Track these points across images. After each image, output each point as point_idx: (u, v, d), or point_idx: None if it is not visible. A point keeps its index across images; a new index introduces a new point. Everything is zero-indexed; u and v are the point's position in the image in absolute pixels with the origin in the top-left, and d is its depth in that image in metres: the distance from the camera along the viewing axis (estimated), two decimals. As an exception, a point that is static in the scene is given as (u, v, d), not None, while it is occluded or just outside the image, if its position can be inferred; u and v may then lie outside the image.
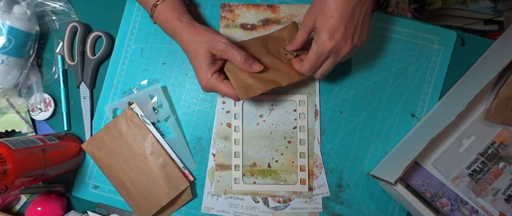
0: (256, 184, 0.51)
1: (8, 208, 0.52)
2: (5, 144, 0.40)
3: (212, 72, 0.42)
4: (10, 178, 0.38)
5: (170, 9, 0.43)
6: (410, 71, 0.51)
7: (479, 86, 0.43)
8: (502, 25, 0.81)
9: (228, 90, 0.42)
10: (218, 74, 0.43)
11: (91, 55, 0.51)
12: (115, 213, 0.51)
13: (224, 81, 0.43)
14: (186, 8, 0.46)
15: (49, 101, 0.52)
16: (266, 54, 0.45)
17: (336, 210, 0.51)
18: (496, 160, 0.48)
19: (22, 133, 0.52)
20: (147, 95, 0.51)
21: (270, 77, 0.44)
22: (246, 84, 0.43)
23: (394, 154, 0.49)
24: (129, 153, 0.50)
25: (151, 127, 0.50)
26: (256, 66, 0.43)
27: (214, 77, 0.42)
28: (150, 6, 0.44)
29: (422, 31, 0.51)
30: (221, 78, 0.43)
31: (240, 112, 0.51)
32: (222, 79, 0.43)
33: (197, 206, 0.51)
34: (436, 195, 0.48)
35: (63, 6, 0.52)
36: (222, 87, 0.42)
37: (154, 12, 0.44)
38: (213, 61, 0.42)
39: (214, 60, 0.42)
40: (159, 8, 0.43)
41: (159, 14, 0.44)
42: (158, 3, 0.43)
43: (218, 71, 0.43)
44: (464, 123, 0.48)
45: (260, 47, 0.46)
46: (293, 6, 0.51)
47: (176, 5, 0.44)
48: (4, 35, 0.46)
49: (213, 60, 0.42)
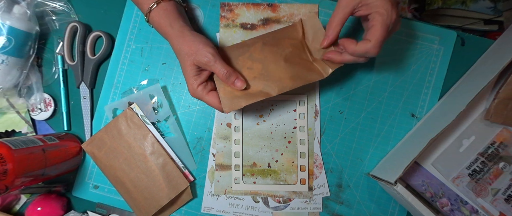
0: (256, 184, 0.51)
1: (8, 208, 0.52)
2: (5, 144, 0.40)
3: (198, 83, 0.42)
4: (10, 178, 0.38)
5: (162, 15, 0.43)
6: (410, 71, 0.51)
7: (479, 86, 0.43)
8: (502, 25, 0.81)
9: (213, 102, 0.42)
10: (204, 85, 0.43)
11: (91, 55, 0.51)
12: (115, 213, 0.51)
13: (210, 92, 0.43)
14: (180, 12, 0.45)
15: (49, 101, 0.52)
16: (258, 60, 0.44)
17: (336, 210, 0.51)
18: (496, 160, 0.48)
19: (22, 133, 0.52)
20: (147, 95, 0.51)
21: (259, 88, 0.43)
22: (232, 95, 0.42)
23: (394, 154, 0.49)
24: (129, 153, 0.50)
25: (151, 127, 0.50)
26: (239, 83, 0.41)
27: (200, 88, 0.42)
28: (146, 12, 0.44)
29: (422, 31, 0.51)
30: (208, 89, 0.43)
31: (240, 112, 0.51)
32: (208, 90, 0.43)
33: (197, 206, 0.51)
34: (436, 195, 0.48)
35: (63, 6, 0.52)
36: (207, 98, 0.42)
37: (149, 17, 0.44)
38: (198, 72, 0.42)
39: (200, 71, 0.42)
40: (153, 14, 0.43)
41: (153, 19, 0.44)
42: (152, 8, 0.43)
43: (205, 81, 0.43)
44: (464, 123, 0.48)
45: (254, 50, 0.44)
46: (293, 5, 0.51)
47: (168, 11, 0.43)
48: (4, 35, 0.46)
49: (199, 71, 0.42)
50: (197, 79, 0.42)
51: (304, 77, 0.43)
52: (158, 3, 0.43)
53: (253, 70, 0.43)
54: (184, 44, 0.41)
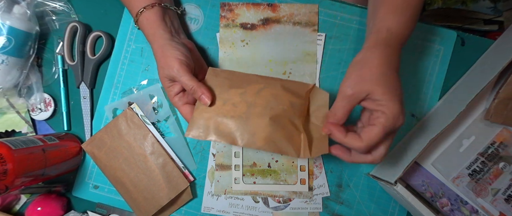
0: (256, 184, 0.51)
1: (8, 208, 0.52)
2: (5, 144, 0.40)
3: (173, 94, 0.42)
4: (10, 178, 0.38)
5: (146, 25, 0.43)
6: (410, 71, 0.51)
7: (479, 86, 0.43)
8: (502, 25, 0.82)
9: (185, 116, 0.42)
10: (180, 96, 0.42)
11: (91, 55, 0.51)
12: (115, 213, 0.51)
13: (185, 105, 0.42)
14: (164, 19, 0.44)
15: (49, 101, 0.52)
16: (247, 102, 0.40)
17: (336, 210, 0.51)
18: (496, 160, 0.48)
19: (22, 133, 0.52)
20: (147, 95, 0.51)
21: (230, 129, 0.39)
22: (203, 123, 0.40)
23: (394, 154, 0.50)
24: (129, 153, 0.50)
25: (151, 127, 0.50)
26: (205, 98, 0.39)
27: (176, 99, 0.42)
28: (135, 21, 0.45)
29: (422, 31, 0.51)
30: (183, 101, 0.42)
31: (240, 112, 0.51)
32: (183, 102, 0.42)
33: (197, 206, 0.51)
34: (436, 195, 0.48)
35: (63, 6, 0.52)
36: (181, 109, 0.42)
37: (137, 25, 0.45)
38: (171, 83, 0.42)
39: (173, 82, 0.42)
40: (139, 24, 0.44)
41: (140, 26, 0.45)
42: (137, 19, 0.44)
43: (181, 92, 0.42)
44: (464, 123, 0.48)
45: (250, 89, 0.41)
46: (293, 5, 0.51)
47: (150, 20, 0.43)
48: (4, 35, 0.46)
49: (172, 82, 0.42)
50: (171, 90, 0.42)
51: (278, 146, 0.39)
52: (142, 12, 0.43)
53: (236, 109, 0.40)
54: (160, 56, 0.41)
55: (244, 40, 0.51)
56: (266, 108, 0.40)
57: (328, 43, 0.51)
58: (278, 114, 0.40)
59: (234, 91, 0.41)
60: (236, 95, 0.41)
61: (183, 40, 0.46)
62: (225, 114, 0.40)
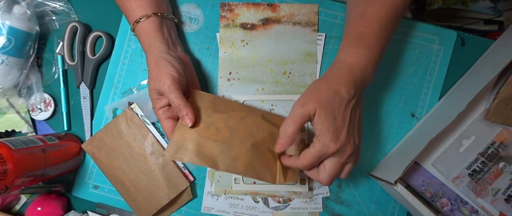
0: (256, 184, 0.51)
1: (8, 208, 0.52)
2: (5, 144, 0.40)
3: (158, 106, 0.42)
4: (10, 178, 0.38)
5: (142, 35, 0.43)
6: (410, 71, 0.51)
7: (479, 86, 0.43)
8: (502, 25, 0.81)
9: (167, 131, 0.42)
10: (165, 109, 0.42)
11: (91, 55, 0.51)
12: (115, 213, 0.51)
13: (168, 119, 0.42)
14: (161, 29, 0.44)
15: (49, 101, 0.52)
16: (230, 128, 0.41)
17: (336, 210, 0.51)
18: (496, 160, 0.48)
19: (22, 133, 0.52)
20: (147, 95, 0.51)
21: (212, 152, 0.40)
22: (184, 144, 0.40)
23: (394, 154, 0.50)
24: (129, 153, 0.50)
25: (151, 127, 0.50)
26: (187, 120, 0.40)
27: (160, 112, 0.42)
28: (132, 29, 0.45)
29: (422, 31, 0.51)
30: (167, 115, 0.42)
31: (240, 112, 0.51)
32: (167, 116, 0.42)
33: (197, 206, 0.51)
34: (436, 195, 0.48)
35: (63, 6, 0.52)
36: (163, 123, 0.42)
37: (134, 32, 0.45)
38: (159, 96, 0.42)
39: (161, 96, 0.42)
40: (136, 30, 0.44)
41: (137, 35, 0.45)
42: (135, 25, 0.44)
43: (166, 106, 0.42)
44: (464, 123, 0.48)
45: (233, 116, 0.42)
46: (293, 5, 0.51)
47: (147, 30, 0.43)
48: (4, 35, 0.46)
49: (159, 95, 0.42)
50: (158, 103, 0.42)
51: (257, 172, 0.41)
52: (138, 22, 0.43)
53: (219, 134, 0.41)
54: (153, 67, 0.41)
55: (244, 40, 0.51)
56: (249, 135, 0.42)
57: (328, 43, 0.51)
58: (258, 141, 0.42)
59: (218, 115, 0.42)
60: (220, 120, 0.42)
61: (179, 53, 0.46)
62: (209, 137, 0.41)
